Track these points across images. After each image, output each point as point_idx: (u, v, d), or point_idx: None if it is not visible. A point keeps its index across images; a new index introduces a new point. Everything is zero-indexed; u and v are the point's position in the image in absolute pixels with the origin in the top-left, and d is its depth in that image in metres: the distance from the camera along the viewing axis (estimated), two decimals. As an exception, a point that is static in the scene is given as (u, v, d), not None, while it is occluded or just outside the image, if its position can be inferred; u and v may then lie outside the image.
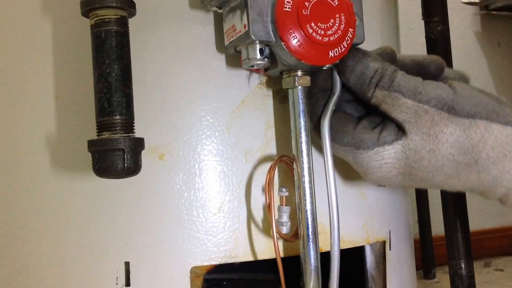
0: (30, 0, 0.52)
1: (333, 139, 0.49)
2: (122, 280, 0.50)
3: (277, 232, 0.49)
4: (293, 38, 0.45)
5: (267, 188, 0.50)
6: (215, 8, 0.49)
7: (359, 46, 0.50)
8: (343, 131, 0.49)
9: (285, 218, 0.51)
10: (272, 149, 0.53)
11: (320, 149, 0.51)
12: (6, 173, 0.54)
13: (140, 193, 0.50)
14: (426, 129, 0.47)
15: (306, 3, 0.45)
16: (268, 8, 0.46)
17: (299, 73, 0.48)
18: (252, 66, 0.48)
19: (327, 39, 0.46)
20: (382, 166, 0.49)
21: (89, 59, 0.43)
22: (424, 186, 0.51)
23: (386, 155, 0.48)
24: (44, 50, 0.52)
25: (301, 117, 0.49)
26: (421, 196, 1.53)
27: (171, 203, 0.50)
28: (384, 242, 0.61)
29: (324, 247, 0.52)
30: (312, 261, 0.49)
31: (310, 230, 0.49)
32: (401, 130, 0.48)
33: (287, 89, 0.50)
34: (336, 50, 0.47)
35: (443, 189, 0.52)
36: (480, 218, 1.78)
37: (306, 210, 0.49)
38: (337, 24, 0.46)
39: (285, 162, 0.52)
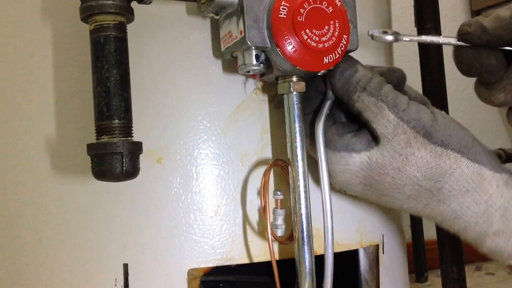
0: (30, 5, 0.52)
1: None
2: (121, 282, 0.50)
3: (272, 235, 0.50)
4: (288, 44, 0.46)
5: (262, 192, 0.51)
6: (211, 14, 0.49)
7: (352, 53, 0.51)
8: None
9: (279, 221, 0.51)
10: (268, 153, 0.54)
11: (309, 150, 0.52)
12: (6, 176, 0.54)
13: (139, 196, 0.51)
14: (399, 148, 0.48)
15: (301, 9, 0.46)
16: (264, 14, 0.46)
17: (294, 78, 0.49)
18: (248, 71, 0.49)
19: (321, 45, 0.46)
20: (345, 171, 0.49)
21: (88, 63, 0.44)
22: (385, 201, 0.51)
23: (350, 162, 0.49)
24: (43, 54, 0.52)
25: (296, 122, 0.49)
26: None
27: (168, 206, 0.51)
28: (377, 246, 0.62)
29: (318, 250, 0.53)
30: (306, 264, 0.50)
31: (305, 233, 0.50)
32: (373, 142, 0.49)
33: (283, 94, 0.50)
34: (330, 57, 0.47)
35: (403, 209, 0.52)
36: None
37: (301, 214, 0.49)
38: (331, 31, 0.47)
39: (279, 166, 0.52)
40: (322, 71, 0.50)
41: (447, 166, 0.47)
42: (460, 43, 0.48)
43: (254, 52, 0.47)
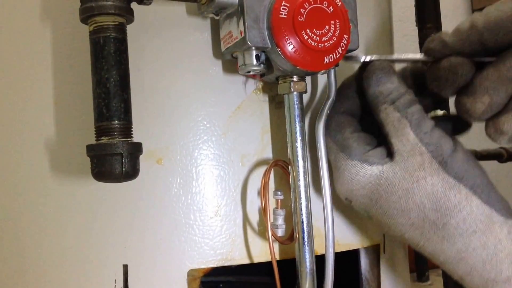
0: (29, 6, 0.52)
1: (329, 132, 0.50)
2: (121, 283, 0.50)
3: (272, 235, 0.50)
4: (288, 44, 0.45)
5: (263, 192, 0.51)
6: (212, 15, 0.49)
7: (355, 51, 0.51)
8: (341, 128, 0.50)
9: (280, 221, 0.51)
10: (268, 154, 0.54)
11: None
12: (6, 177, 0.54)
13: (138, 197, 0.50)
14: (411, 169, 0.46)
15: (301, 9, 0.45)
16: (264, 14, 0.46)
17: (295, 78, 0.49)
18: (249, 72, 0.49)
19: (322, 45, 0.46)
20: (353, 180, 0.48)
21: (88, 64, 0.44)
22: (388, 223, 0.49)
23: (361, 172, 0.48)
24: (43, 55, 0.52)
25: (297, 122, 0.49)
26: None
27: (168, 207, 0.51)
28: (378, 246, 0.62)
29: (319, 250, 0.53)
30: (307, 264, 0.50)
31: (306, 233, 0.49)
32: (388, 157, 0.48)
33: (283, 94, 0.50)
34: (331, 56, 0.47)
35: (405, 239, 0.49)
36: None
37: (302, 214, 0.49)
38: (332, 31, 0.47)
39: (280, 166, 0.52)
40: (322, 71, 0.50)
41: (456, 201, 0.46)
42: (428, 58, 0.49)
43: (254, 53, 0.47)
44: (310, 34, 0.46)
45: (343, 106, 0.51)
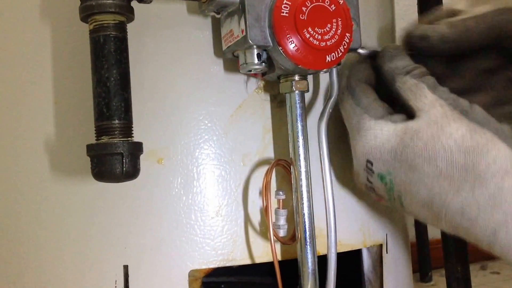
0: (29, 5, 0.52)
1: (354, 96, 0.51)
2: (121, 284, 0.50)
3: (274, 235, 0.50)
4: (290, 42, 0.45)
5: (264, 192, 0.50)
6: (213, 13, 0.49)
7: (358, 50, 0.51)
8: (367, 94, 0.51)
9: (282, 221, 0.51)
10: (270, 153, 0.53)
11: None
12: (5, 177, 0.54)
13: (139, 197, 0.50)
14: (434, 118, 0.46)
15: (303, 8, 0.45)
16: (265, 13, 0.46)
17: (297, 77, 0.49)
18: (250, 70, 0.48)
19: (324, 43, 0.46)
20: (377, 136, 0.48)
21: (88, 64, 0.43)
22: (413, 182, 0.47)
23: (385, 128, 0.48)
24: (43, 55, 0.52)
25: (299, 121, 0.49)
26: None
27: (169, 207, 0.50)
28: (381, 245, 0.61)
29: (321, 250, 0.52)
30: (309, 264, 0.49)
31: (308, 233, 0.49)
32: (409, 118, 0.49)
33: (285, 93, 0.50)
34: (333, 55, 0.47)
35: (431, 196, 0.47)
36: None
37: (304, 214, 0.49)
38: (334, 29, 0.46)
39: (282, 166, 0.52)
40: (324, 70, 0.49)
41: (483, 141, 0.45)
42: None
43: (255, 51, 0.47)
44: (312, 32, 0.45)
45: (363, 75, 0.52)
